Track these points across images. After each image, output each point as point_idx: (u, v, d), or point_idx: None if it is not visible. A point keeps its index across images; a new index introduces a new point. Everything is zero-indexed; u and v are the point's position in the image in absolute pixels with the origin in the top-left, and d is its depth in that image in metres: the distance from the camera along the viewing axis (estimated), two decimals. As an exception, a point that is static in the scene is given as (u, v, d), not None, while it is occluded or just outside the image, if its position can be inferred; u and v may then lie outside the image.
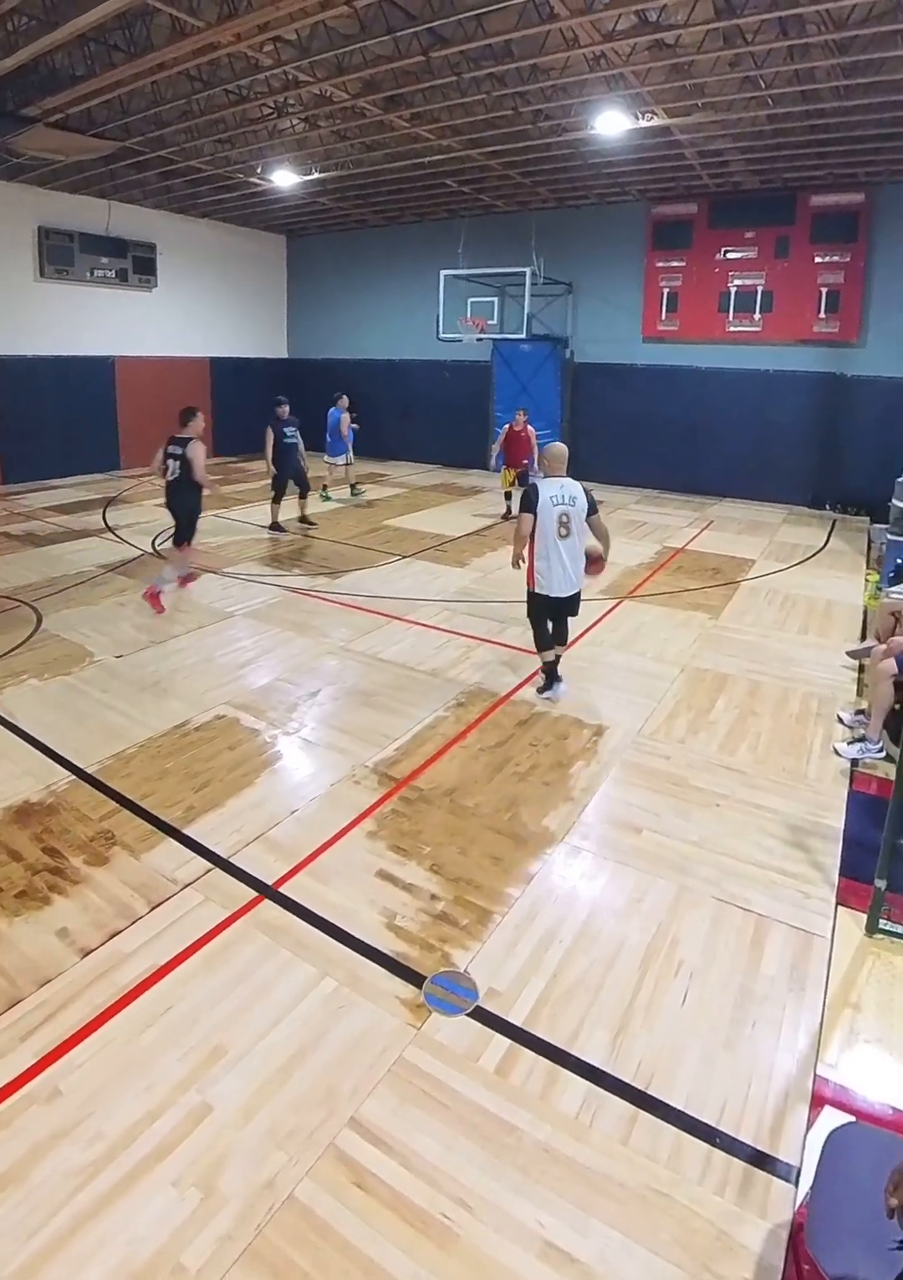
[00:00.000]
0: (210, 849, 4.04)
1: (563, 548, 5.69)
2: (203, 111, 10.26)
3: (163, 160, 12.56)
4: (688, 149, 11.39)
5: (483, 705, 5.83)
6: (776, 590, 8.98)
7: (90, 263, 15.40)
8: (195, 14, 7.39)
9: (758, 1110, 2.73)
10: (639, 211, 15.03)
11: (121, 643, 6.88)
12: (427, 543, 10.85)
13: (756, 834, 4.32)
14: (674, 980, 3.28)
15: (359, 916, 3.58)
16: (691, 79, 8.78)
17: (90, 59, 8.55)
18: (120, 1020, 2.99)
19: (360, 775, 4.82)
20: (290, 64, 8.52)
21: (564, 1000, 3.16)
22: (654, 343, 15.34)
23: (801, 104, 9.37)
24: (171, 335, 17.39)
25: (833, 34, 7.42)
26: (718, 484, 15.00)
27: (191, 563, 8.33)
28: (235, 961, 3.29)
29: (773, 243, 13.83)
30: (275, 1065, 2.83)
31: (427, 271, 16.13)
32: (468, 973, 3.28)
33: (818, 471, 14.09)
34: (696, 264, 14.58)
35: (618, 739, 5.36)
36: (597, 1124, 2.66)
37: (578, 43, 7.89)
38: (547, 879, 3.90)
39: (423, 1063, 2.86)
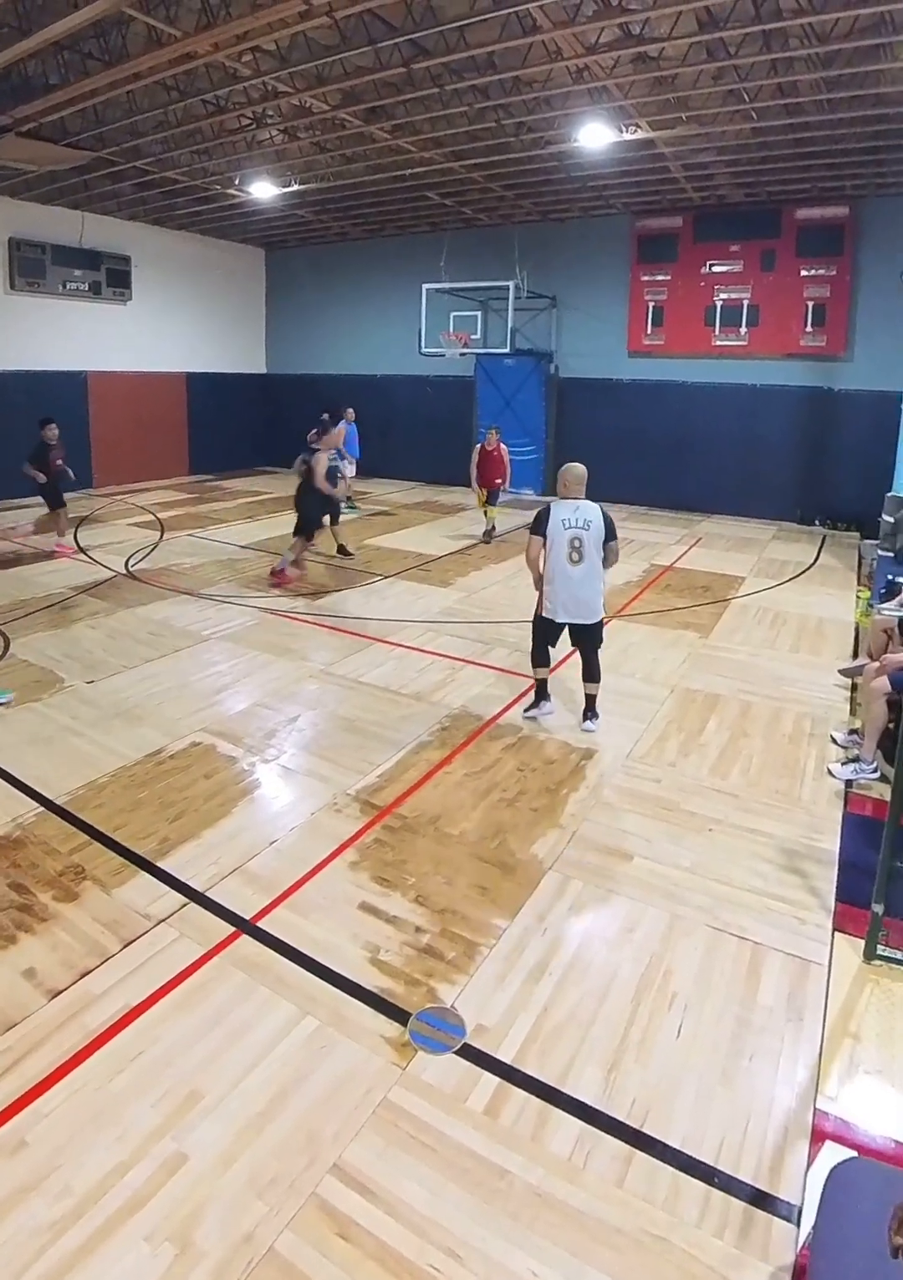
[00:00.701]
0: (185, 882, 3.99)
1: (574, 574, 5.59)
2: (180, 122, 10.32)
3: (138, 171, 12.62)
4: (672, 162, 11.56)
5: (468, 729, 5.81)
6: (766, 608, 9.03)
7: (63, 275, 15.40)
8: (172, 23, 7.44)
9: (757, 1147, 2.70)
10: (624, 225, 15.22)
11: (93, 668, 6.82)
12: (409, 562, 10.85)
13: (749, 859, 4.31)
14: (668, 1013, 3.25)
15: (341, 951, 3.54)
16: (674, 92, 8.94)
17: (64, 67, 8.58)
18: (90, 1065, 2.92)
19: (342, 803, 4.78)
20: (269, 74, 8.59)
21: (555, 1036, 3.13)
22: (640, 357, 15.49)
23: (785, 117, 9.55)
24: (146, 350, 17.39)
25: (816, 48, 7.57)
26: (706, 500, 15.12)
27: (301, 565, 9.71)
28: (212, 1001, 3.23)
29: (759, 256, 14.04)
30: (254, 1110, 2.77)
31: (408, 285, 16.24)
32: (455, 1008, 3.24)
33: (807, 487, 14.25)
34: (681, 278, 14.76)
35: (607, 763, 5.35)
36: (591, 1165, 2.62)
37: (561, 55, 8.01)
38: (535, 909, 3.87)
39: (409, 1104, 2.81)
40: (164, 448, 17.97)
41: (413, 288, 15.58)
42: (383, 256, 18.09)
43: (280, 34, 7.62)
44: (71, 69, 8.60)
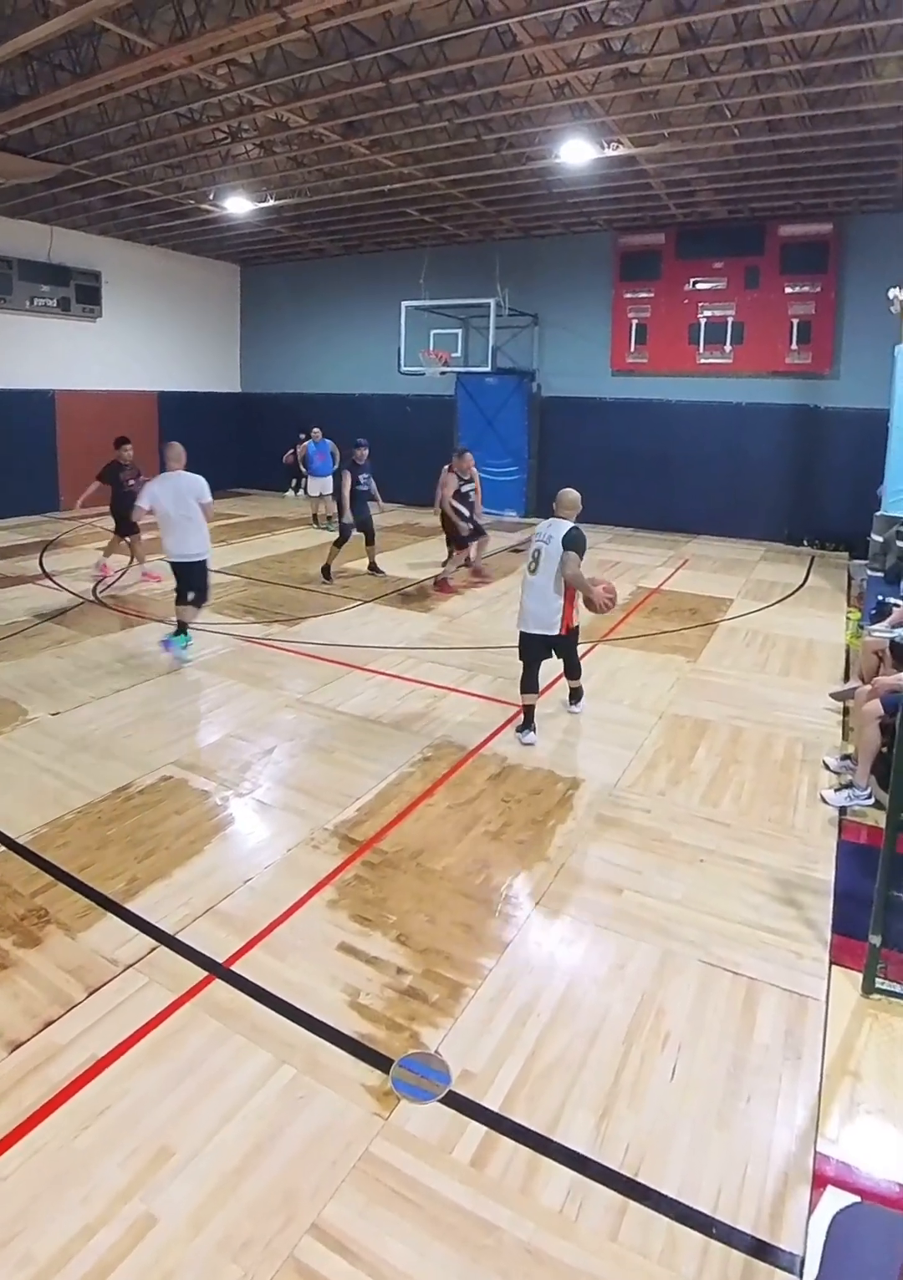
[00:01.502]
0: (155, 925, 3.92)
1: (529, 583, 6.08)
2: (152, 135, 10.38)
3: (109, 185, 12.66)
4: (655, 179, 11.75)
5: (451, 759, 5.78)
6: (755, 630, 9.09)
7: (30, 291, 15.38)
8: (146, 35, 7.48)
9: (757, 1194, 2.66)
10: (606, 242, 15.43)
11: (58, 699, 6.74)
12: (389, 586, 10.84)
13: (742, 890, 4.30)
14: (662, 1054, 3.22)
15: (320, 995, 3.48)
16: (656, 108, 9.09)
17: (34, 78, 8.62)
18: (53, 1122, 2.85)
19: (320, 839, 4.73)
20: (245, 88, 8.66)
21: (544, 1080, 3.09)
22: (624, 376, 15.66)
23: (767, 134, 9.74)
24: (117, 368, 17.38)
25: (798, 65, 7.74)
26: (693, 521, 15.25)
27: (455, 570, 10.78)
28: (183, 1051, 3.17)
29: (743, 273, 14.27)
30: (228, 1166, 2.71)
31: (387, 302, 16.35)
32: (439, 1054, 3.20)
33: (794, 506, 14.40)
34: (664, 295, 14.97)
35: (595, 792, 5.33)
36: (583, 1218, 2.58)
37: (541, 71, 8.13)
38: (522, 947, 3.84)
39: (392, 1157, 2.76)
40: (134, 469, 17.90)
41: (392, 305, 15.70)
42: (361, 273, 18.23)
43: (256, 47, 7.70)
44: (41, 80, 8.63)
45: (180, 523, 7.41)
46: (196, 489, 7.45)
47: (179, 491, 7.39)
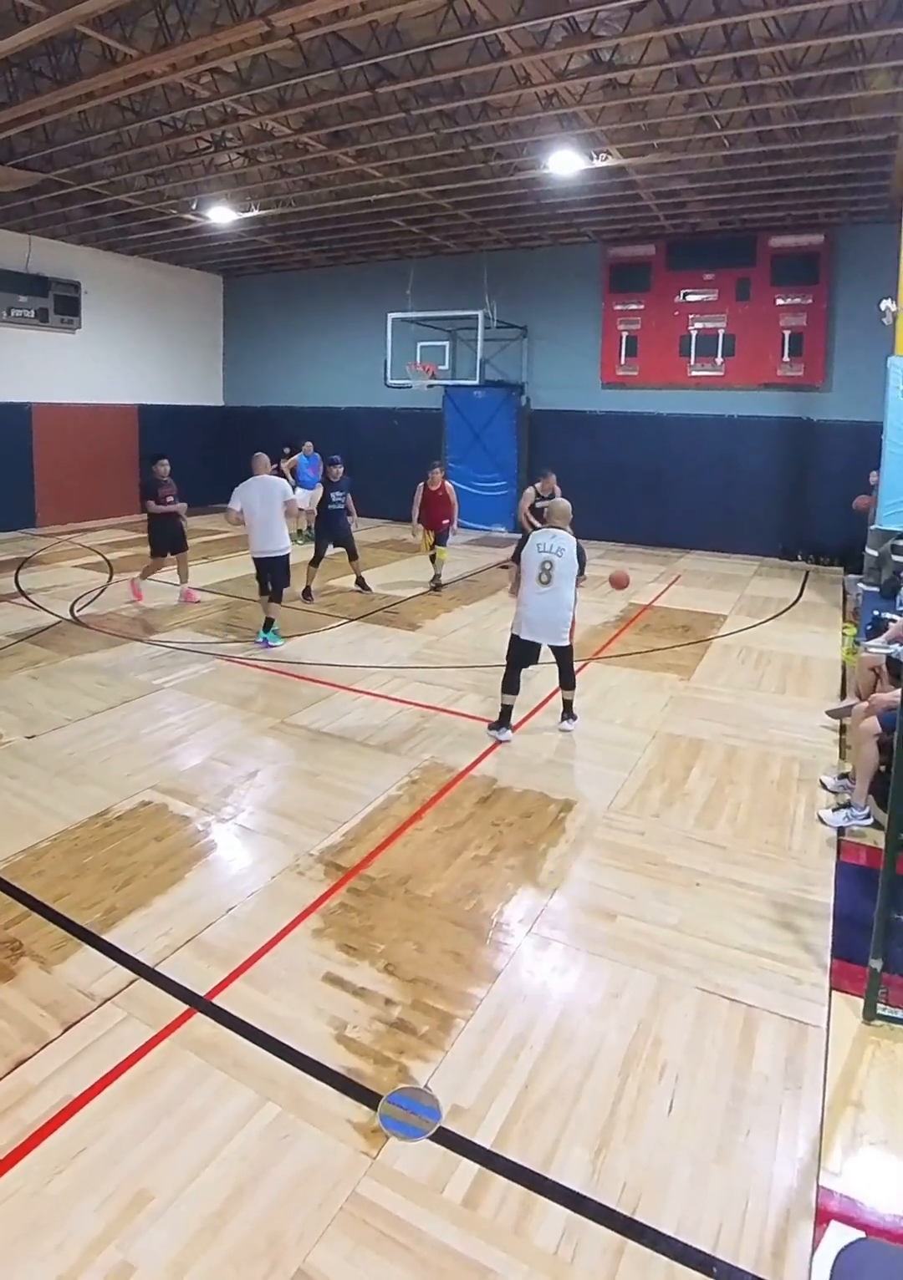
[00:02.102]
0: (134, 956, 3.87)
1: (541, 595, 6.27)
2: (134, 143, 10.42)
3: (90, 194, 12.70)
4: (644, 189, 11.87)
5: (439, 782, 5.76)
6: (749, 647, 9.12)
7: (7, 301, 15.40)
8: (128, 42, 7.53)
9: (758, 1230, 2.63)
10: (595, 253, 15.56)
11: (33, 721, 6.69)
12: (375, 604, 10.83)
13: (739, 915, 4.28)
14: (659, 1085, 3.20)
15: (305, 1028, 3.44)
16: (645, 119, 9.20)
17: (12, 85, 8.65)
18: (26, 1166, 2.79)
19: (304, 865, 4.69)
20: (229, 96, 8.72)
21: (537, 1115, 3.05)
22: (614, 388, 15.77)
23: (757, 145, 9.86)
24: (96, 381, 17.38)
25: (788, 76, 7.85)
26: (685, 536, 15.32)
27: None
28: (162, 1089, 3.12)
29: (734, 285, 14.42)
30: (209, 1210, 2.66)
31: (373, 314, 16.42)
32: (429, 1089, 3.16)
33: (788, 521, 14.50)
34: (655, 307, 15.11)
35: (587, 815, 5.32)
36: (579, 1259, 2.54)
37: (530, 81, 8.21)
38: (514, 976, 3.81)
39: (380, 1198, 2.72)
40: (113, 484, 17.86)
41: (378, 317, 15.76)
42: (347, 285, 18.32)
43: (241, 55, 7.75)
44: (20, 87, 8.67)
45: (267, 522, 8.52)
46: (281, 491, 8.57)
47: (265, 494, 8.48)
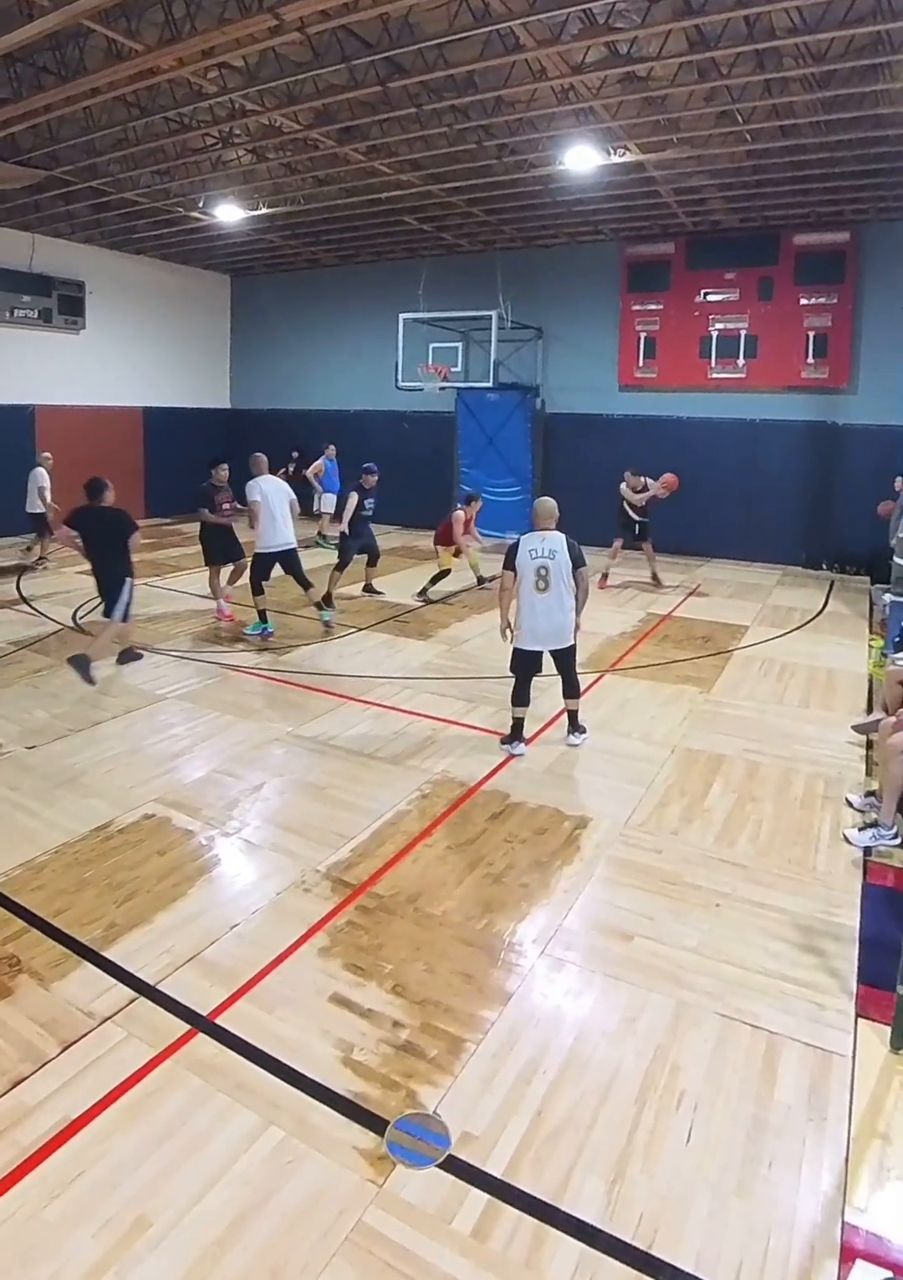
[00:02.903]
0: (135, 974, 3.88)
1: (540, 601, 6.32)
2: (140, 140, 10.51)
3: (94, 191, 12.81)
4: (663, 186, 11.88)
5: (451, 797, 5.76)
6: (772, 659, 9.08)
7: (10, 301, 15.54)
8: (134, 36, 7.59)
9: (780, 1268, 2.61)
10: (613, 252, 15.58)
11: (34, 731, 6.73)
12: (385, 613, 10.85)
13: (761, 937, 4.26)
14: (677, 1114, 3.18)
15: (310, 1050, 3.44)
16: (665, 113, 9.20)
17: (16, 80, 8.73)
18: (22, 1190, 2.80)
19: (311, 881, 4.69)
20: (237, 91, 8.78)
21: (551, 1143, 3.04)
22: (632, 391, 15.77)
23: (780, 139, 9.85)
24: (100, 383, 17.51)
25: (812, 68, 7.84)
26: (705, 544, 15.28)
27: None
28: (163, 1111, 3.12)
29: (756, 284, 14.40)
30: (210, 1238, 2.66)
31: (384, 315, 16.48)
32: (438, 1115, 3.15)
33: (812, 528, 14.44)
34: (674, 307, 15.10)
35: (603, 832, 5.30)
36: (593, 1295, 2.53)
37: (545, 75, 8.24)
38: (527, 998, 3.80)
39: (387, 1227, 2.71)
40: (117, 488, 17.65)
41: (389, 318, 15.82)
42: (357, 285, 18.40)
43: (249, 50, 7.80)
44: (24, 82, 8.75)
45: (282, 517, 9.31)
46: (289, 490, 9.59)
47: (278, 491, 9.41)
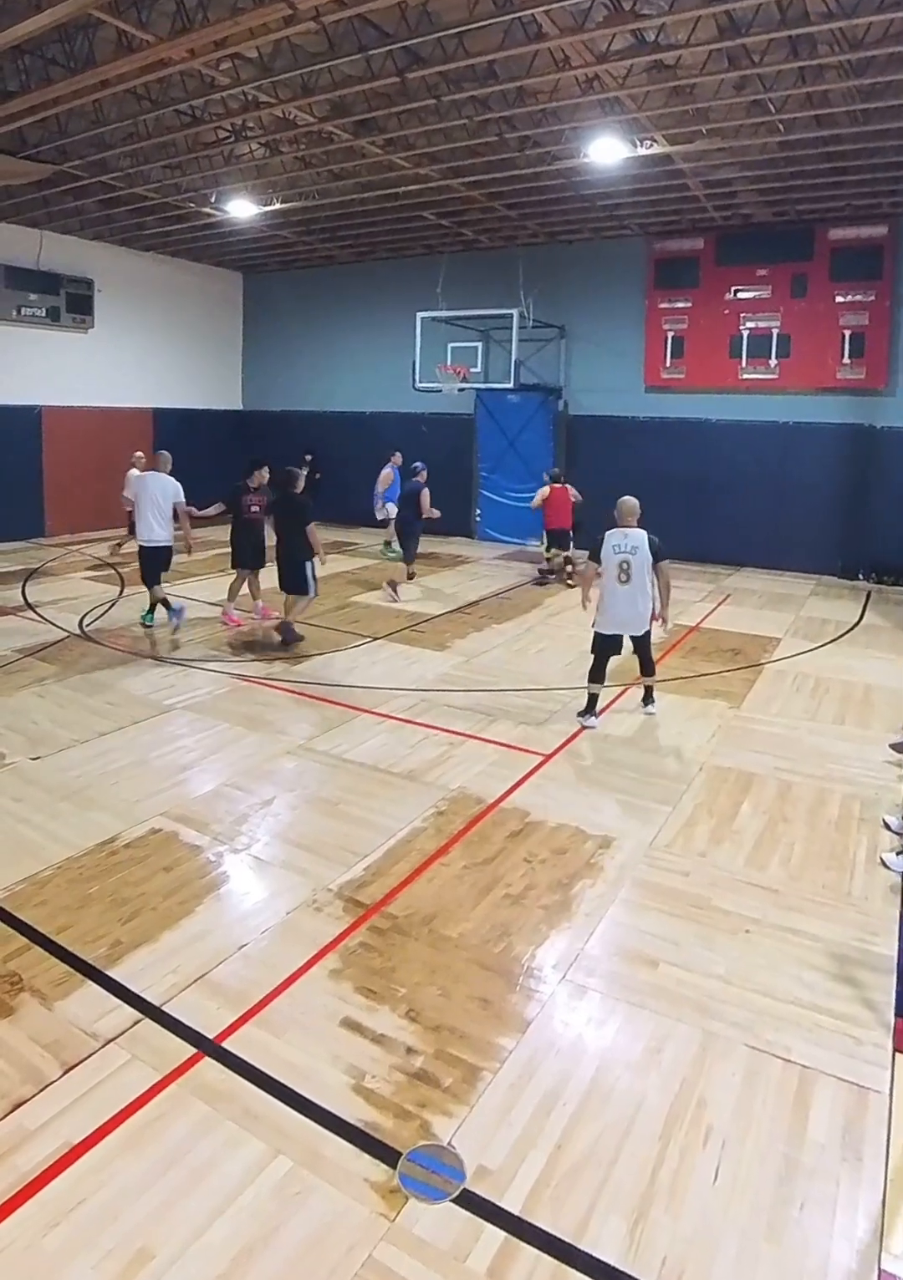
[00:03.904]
0: (139, 994, 3.90)
1: (622, 592, 7.23)
2: (151, 134, 10.62)
3: (104, 186, 12.94)
4: (692, 179, 11.87)
5: (468, 814, 5.75)
6: (805, 674, 9.03)
7: (17, 299, 15.70)
8: (145, 27, 7.67)
9: (811, 1318, 2.59)
10: (639, 248, 15.59)
11: (39, 741, 6.77)
12: (401, 622, 10.87)
13: (793, 966, 4.23)
14: (703, 1151, 3.15)
15: (320, 1077, 3.44)
16: (693, 103, 9.21)
17: (24, 73, 8.84)
18: (21, 1217, 2.81)
19: (323, 901, 4.70)
20: (250, 83, 8.85)
21: (570, 1179, 3.02)
22: (658, 393, 15.75)
23: (815, 129, 9.83)
24: (109, 383, 17.66)
25: (848, 54, 7.82)
26: (735, 552, 15.23)
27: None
28: (167, 1138, 3.13)
29: (789, 281, 14.36)
30: (215, 1272, 2.66)
31: (402, 314, 16.55)
32: (452, 1146, 3.14)
33: (848, 536, 14.35)
34: (703, 305, 15.09)
35: (628, 853, 5.28)
36: (613, 1341, 2.51)
37: (569, 64, 8.26)
38: (546, 1026, 3.78)
39: (398, 1264, 2.70)
40: (125, 492, 18.08)
41: (407, 316, 15.89)
42: (373, 282, 18.49)
43: (262, 40, 7.87)
44: (33, 75, 8.86)
45: (154, 514, 9.93)
46: (173, 490, 10.00)
47: (163, 489, 9.96)
